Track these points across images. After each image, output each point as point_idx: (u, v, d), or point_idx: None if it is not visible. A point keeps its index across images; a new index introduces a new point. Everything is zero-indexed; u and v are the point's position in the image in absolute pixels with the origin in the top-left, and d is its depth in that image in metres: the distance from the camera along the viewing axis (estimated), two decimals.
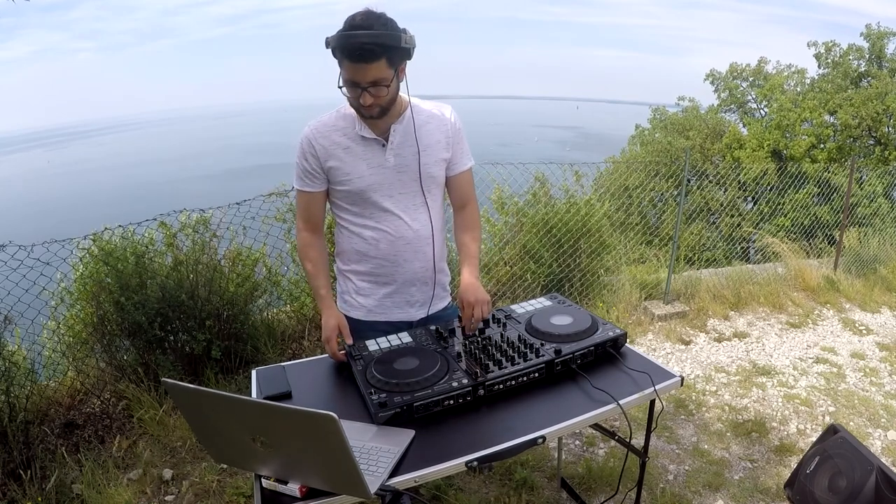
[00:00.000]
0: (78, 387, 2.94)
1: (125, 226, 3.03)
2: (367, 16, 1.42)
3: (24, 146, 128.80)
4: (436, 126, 1.65)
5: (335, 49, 1.44)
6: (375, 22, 1.42)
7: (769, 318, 4.28)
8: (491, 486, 2.39)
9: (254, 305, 3.39)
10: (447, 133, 1.66)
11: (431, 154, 1.64)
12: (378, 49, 1.41)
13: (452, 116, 1.68)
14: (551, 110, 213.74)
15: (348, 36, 1.40)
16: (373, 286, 1.73)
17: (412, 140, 1.61)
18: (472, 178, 1.78)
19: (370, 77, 1.44)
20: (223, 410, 1.11)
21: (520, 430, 1.36)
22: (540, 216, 4.18)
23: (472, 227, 1.76)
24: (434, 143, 1.65)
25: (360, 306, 1.76)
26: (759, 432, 2.80)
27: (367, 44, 1.40)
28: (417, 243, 1.68)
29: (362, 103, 1.48)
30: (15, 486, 2.32)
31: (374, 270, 1.71)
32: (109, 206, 28.88)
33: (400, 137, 1.61)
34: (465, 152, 1.73)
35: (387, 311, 1.76)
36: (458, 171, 1.73)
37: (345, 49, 1.42)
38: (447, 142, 1.67)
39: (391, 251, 1.67)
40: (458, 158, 1.71)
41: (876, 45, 13.63)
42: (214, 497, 2.37)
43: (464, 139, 1.72)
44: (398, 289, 1.73)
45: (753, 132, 14.30)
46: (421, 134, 1.62)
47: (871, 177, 9.64)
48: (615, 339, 1.65)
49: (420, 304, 1.77)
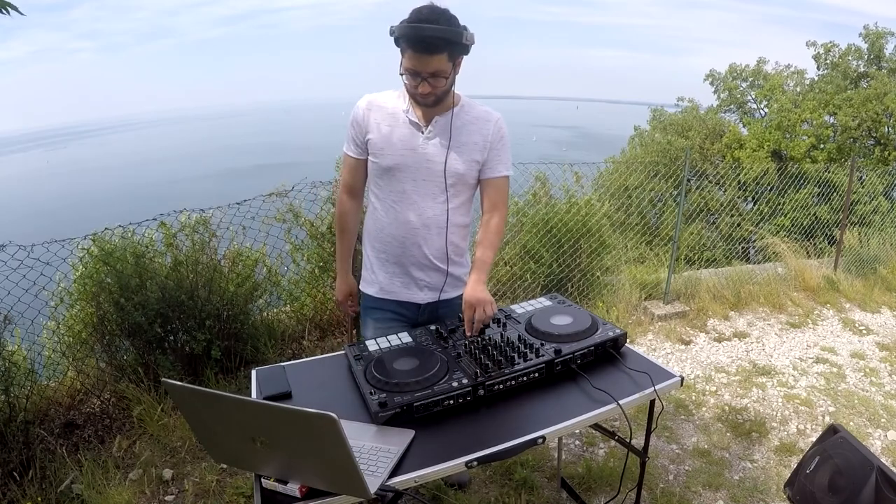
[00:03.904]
0: (78, 387, 2.94)
1: (125, 226, 3.03)
2: (433, 10, 1.52)
3: (23, 146, 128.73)
4: (477, 128, 1.71)
5: (400, 38, 1.53)
6: (441, 17, 1.51)
7: (769, 318, 4.28)
8: (491, 486, 2.39)
9: (254, 305, 3.39)
10: (487, 137, 1.71)
11: (463, 153, 1.69)
12: (442, 43, 1.50)
13: (497, 123, 1.73)
14: (551, 110, 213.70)
15: (416, 28, 1.49)
16: (384, 263, 1.80)
17: (447, 135, 1.68)
18: (507, 188, 1.81)
19: (431, 68, 1.53)
20: (223, 410, 1.11)
21: (520, 430, 1.36)
22: (540, 216, 4.17)
23: (491, 238, 1.77)
24: (470, 144, 1.70)
25: (374, 282, 1.83)
26: (759, 432, 2.80)
27: (433, 37, 1.49)
28: (428, 231, 1.73)
29: (420, 91, 1.57)
30: (15, 486, 2.32)
31: (385, 248, 1.78)
32: (109, 206, 28.88)
33: (439, 129, 1.68)
34: (502, 160, 1.76)
35: (396, 291, 1.81)
36: (490, 176, 1.75)
37: (410, 39, 1.51)
38: (484, 145, 1.71)
39: (400, 232, 1.73)
40: (493, 164, 1.74)
41: (875, 46, 13.64)
42: (214, 497, 2.37)
43: (505, 147, 1.76)
44: (406, 269, 1.78)
45: (753, 132, 14.30)
46: (459, 132, 1.69)
47: (871, 176, 9.64)
48: (615, 339, 1.65)
49: (429, 288, 1.81)
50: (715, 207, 10.64)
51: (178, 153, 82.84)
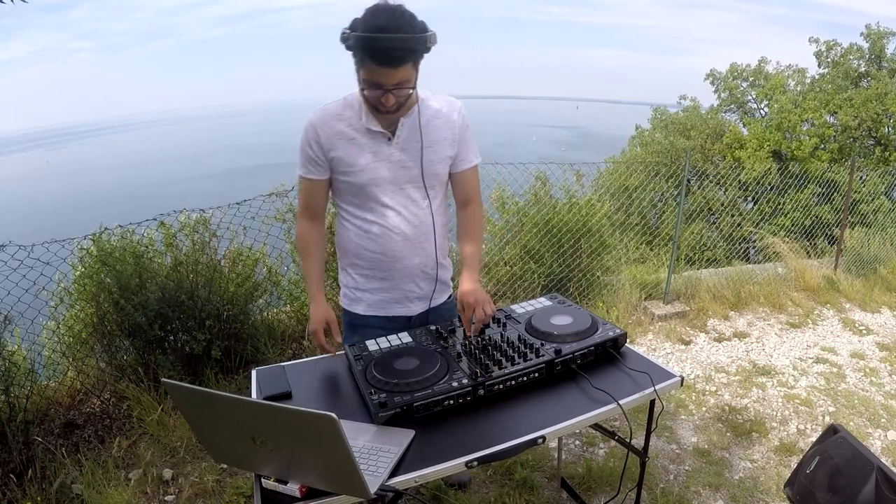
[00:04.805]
0: (78, 387, 2.94)
1: (124, 226, 3.03)
2: (392, 16, 1.35)
3: (23, 146, 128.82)
4: (443, 122, 1.62)
5: (358, 50, 1.39)
6: (402, 22, 1.35)
7: (769, 318, 4.28)
8: (491, 486, 2.39)
9: (254, 305, 3.39)
10: (454, 130, 1.63)
11: (437, 151, 1.62)
12: (407, 54, 1.38)
13: (459, 113, 1.65)
14: (551, 110, 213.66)
15: (376, 39, 1.35)
16: (372, 280, 1.72)
17: (418, 136, 1.59)
18: (478, 176, 1.75)
19: (396, 80, 1.41)
20: (223, 410, 1.11)
21: (520, 430, 1.36)
22: (540, 216, 4.18)
23: (475, 232, 1.73)
24: (440, 140, 1.62)
25: (359, 300, 1.75)
26: (759, 432, 2.80)
27: (397, 49, 1.35)
28: (417, 239, 1.66)
29: (384, 103, 1.46)
30: (15, 485, 2.32)
31: (373, 265, 1.69)
32: (109, 206, 28.86)
33: (407, 132, 1.58)
34: (470, 149, 1.70)
35: (386, 307, 1.74)
36: (462, 168, 1.69)
37: (371, 52, 1.37)
38: (453, 139, 1.64)
39: (390, 246, 1.65)
40: (462, 155, 1.68)
41: (876, 46, 13.62)
42: (214, 497, 2.37)
43: (470, 136, 1.69)
44: (397, 284, 1.71)
45: (754, 132, 14.29)
46: (427, 130, 1.60)
47: (872, 176, 9.64)
48: (615, 339, 1.65)
49: (420, 299, 1.76)
50: (715, 207, 10.64)
51: (178, 153, 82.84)
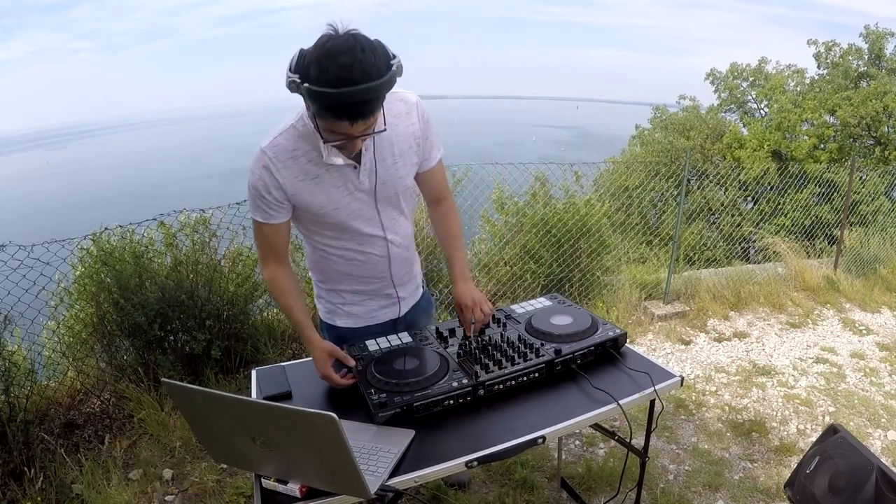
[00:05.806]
0: (78, 387, 2.94)
1: (124, 226, 3.03)
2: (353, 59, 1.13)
3: (22, 146, 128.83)
4: (404, 128, 1.47)
5: (314, 103, 1.19)
6: (367, 66, 1.14)
7: (769, 318, 4.28)
8: (491, 486, 2.39)
9: (254, 305, 3.39)
10: (416, 133, 1.49)
11: (404, 164, 1.50)
12: (376, 104, 1.22)
13: (419, 108, 1.48)
14: (551, 110, 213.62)
15: (337, 96, 1.14)
16: (362, 297, 1.68)
17: (383, 154, 1.45)
18: (444, 169, 1.66)
19: (363, 128, 1.24)
20: (223, 410, 1.11)
21: (520, 430, 1.36)
22: (540, 216, 4.18)
23: (455, 230, 1.70)
24: (405, 150, 1.49)
25: (348, 315, 1.72)
26: (758, 432, 2.80)
27: (365, 102, 1.18)
28: (402, 254, 1.64)
29: (350, 149, 1.34)
30: (15, 486, 2.32)
31: (362, 286, 1.65)
32: (109, 206, 28.85)
33: (371, 154, 1.43)
34: (433, 145, 1.56)
35: (376, 314, 1.72)
36: (427, 168, 1.58)
37: (333, 111, 1.19)
38: (417, 144, 1.51)
39: (378, 269, 1.61)
40: (427, 153, 1.56)
41: (875, 46, 13.63)
42: (214, 497, 2.37)
43: (432, 130, 1.54)
44: (382, 293, 1.69)
45: (753, 132, 14.30)
46: (391, 144, 1.45)
47: (872, 176, 9.64)
48: (615, 339, 1.65)
49: (405, 300, 1.76)
50: (715, 207, 10.64)
51: (178, 153, 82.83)
